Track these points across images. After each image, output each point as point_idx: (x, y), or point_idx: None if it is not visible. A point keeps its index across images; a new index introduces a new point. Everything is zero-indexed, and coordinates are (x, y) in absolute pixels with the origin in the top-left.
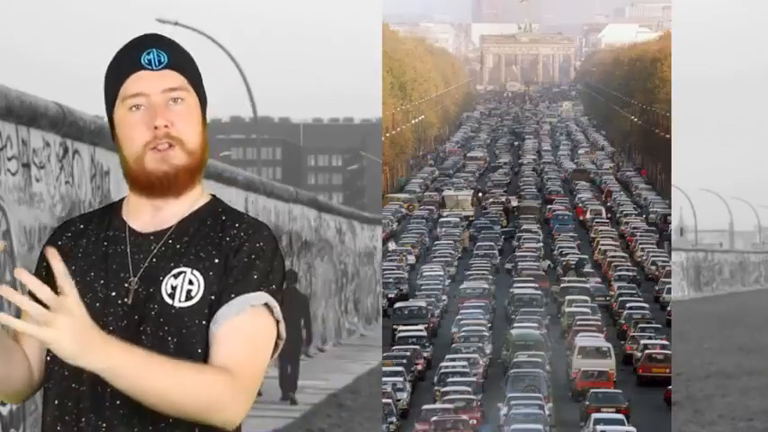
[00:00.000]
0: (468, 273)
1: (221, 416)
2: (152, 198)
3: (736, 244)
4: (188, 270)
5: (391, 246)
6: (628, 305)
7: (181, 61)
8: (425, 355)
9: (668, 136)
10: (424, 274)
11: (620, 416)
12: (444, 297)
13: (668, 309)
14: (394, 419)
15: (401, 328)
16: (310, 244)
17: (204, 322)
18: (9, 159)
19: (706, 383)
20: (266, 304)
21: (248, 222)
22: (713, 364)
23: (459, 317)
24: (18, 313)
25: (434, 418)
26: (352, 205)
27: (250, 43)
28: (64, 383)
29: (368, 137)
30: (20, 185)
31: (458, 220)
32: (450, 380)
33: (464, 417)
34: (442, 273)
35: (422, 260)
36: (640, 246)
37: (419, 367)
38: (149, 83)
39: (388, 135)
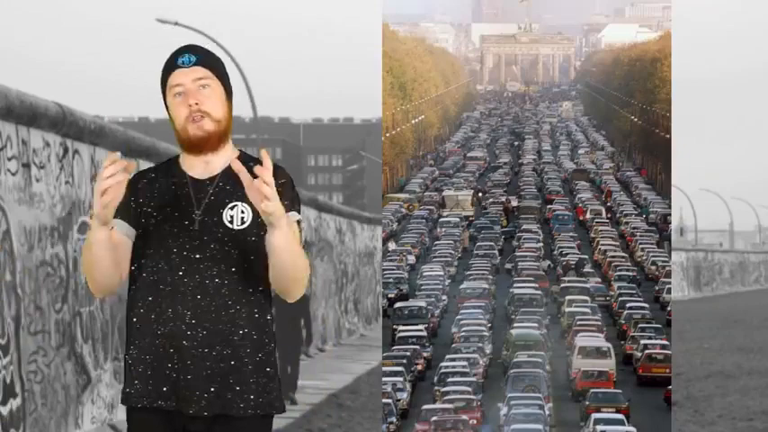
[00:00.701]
0: (468, 273)
1: (304, 282)
2: (199, 155)
3: (736, 244)
4: (239, 203)
5: (391, 246)
6: (628, 305)
7: (206, 60)
8: (425, 355)
9: (668, 136)
10: (424, 274)
11: (620, 416)
12: (444, 297)
13: (668, 309)
14: (394, 419)
15: (401, 328)
16: (310, 244)
17: (253, 238)
18: (9, 159)
19: (706, 383)
20: (295, 220)
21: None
22: (713, 364)
23: (459, 317)
24: (18, 313)
25: (434, 418)
26: (352, 205)
27: (250, 43)
28: (154, 286)
29: (368, 137)
30: (20, 185)
31: (458, 220)
32: (450, 380)
33: (464, 417)
34: (441, 273)
35: (422, 260)
36: (640, 246)
37: (419, 367)
38: (184, 76)
39: (388, 135)
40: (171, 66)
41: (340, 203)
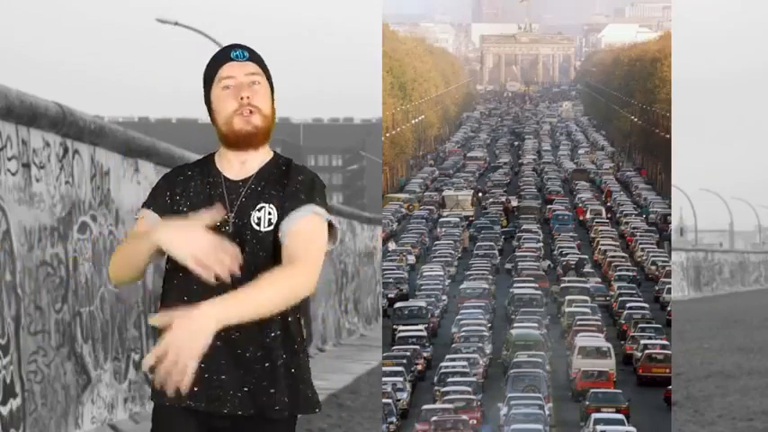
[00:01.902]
0: (468, 273)
1: (303, 292)
2: (238, 151)
3: (736, 244)
4: (267, 205)
5: (391, 246)
6: (628, 305)
7: (257, 58)
8: (425, 355)
9: (668, 136)
10: (424, 274)
11: (620, 416)
12: (444, 297)
13: (668, 309)
14: (394, 419)
15: (401, 328)
16: None
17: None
18: (9, 159)
19: (706, 383)
20: (314, 212)
21: (296, 166)
22: (713, 364)
23: (459, 317)
24: (18, 313)
25: (434, 418)
26: (352, 205)
27: (250, 43)
28: (185, 287)
29: (368, 137)
30: (20, 185)
31: (458, 220)
32: (450, 380)
33: (464, 417)
34: (442, 273)
35: (422, 260)
36: (640, 246)
37: (419, 367)
38: (237, 69)
39: (388, 135)
40: (222, 58)
41: (340, 203)
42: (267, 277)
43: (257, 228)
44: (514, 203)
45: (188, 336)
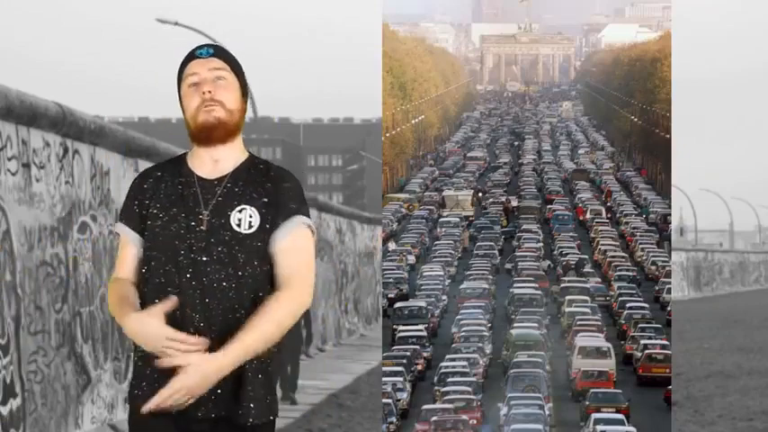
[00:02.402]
0: (468, 273)
1: (302, 311)
2: (208, 145)
3: (736, 244)
4: (247, 207)
5: (391, 246)
6: (628, 305)
7: (223, 54)
8: (425, 355)
9: (668, 136)
10: (424, 274)
11: (620, 416)
12: (444, 297)
13: (668, 309)
14: (394, 419)
15: (401, 328)
16: None
17: (259, 243)
18: (9, 159)
19: (706, 383)
20: (303, 223)
21: (276, 169)
22: (713, 364)
23: (459, 317)
24: (18, 313)
25: (434, 418)
26: (352, 205)
27: (250, 43)
28: (162, 289)
29: (368, 137)
30: (20, 185)
31: (458, 220)
32: (450, 380)
33: (464, 417)
34: (442, 273)
35: (422, 260)
36: (640, 246)
37: (419, 367)
38: (201, 66)
39: (388, 135)
40: (188, 58)
41: (340, 203)
42: (269, 311)
43: (237, 229)
44: (514, 203)
45: (201, 382)
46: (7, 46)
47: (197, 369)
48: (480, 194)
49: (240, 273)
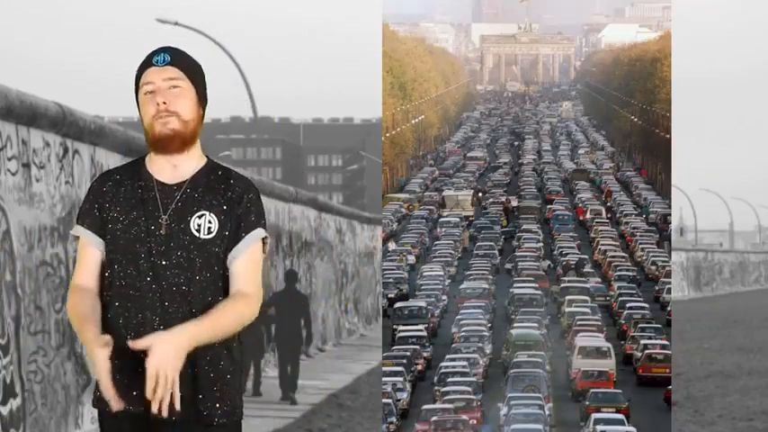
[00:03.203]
0: (468, 273)
1: (248, 321)
2: (165, 154)
3: (736, 244)
4: (207, 213)
5: (391, 246)
6: (628, 305)
7: (180, 60)
8: (425, 355)
9: (668, 136)
10: (424, 274)
11: (620, 416)
12: (444, 297)
13: (668, 309)
14: (394, 419)
15: (401, 328)
16: (310, 244)
17: (217, 249)
18: (9, 159)
19: (706, 383)
20: (261, 237)
21: (237, 177)
22: (713, 364)
23: (459, 317)
24: (18, 313)
25: (434, 418)
26: (352, 205)
27: (250, 43)
28: (123, 292)
29: (368, 137)
30: (20, 185)
31: (458, 220)
32: (450, 380)
33: (464, 417)
34: (442, 273)
35: (422, 260)
36: (640, 246)
37: (419, 367)
38: (156, 75)
39: (388, 135)
40: (145, 64)
41: (340, 203)
42: (222, 309)
43: (197, 234)
44: (514, 203)
45: (170, 355)
46: (7, 46)
47: (159, 347)
48: (480, 194)
49: (198, 277)
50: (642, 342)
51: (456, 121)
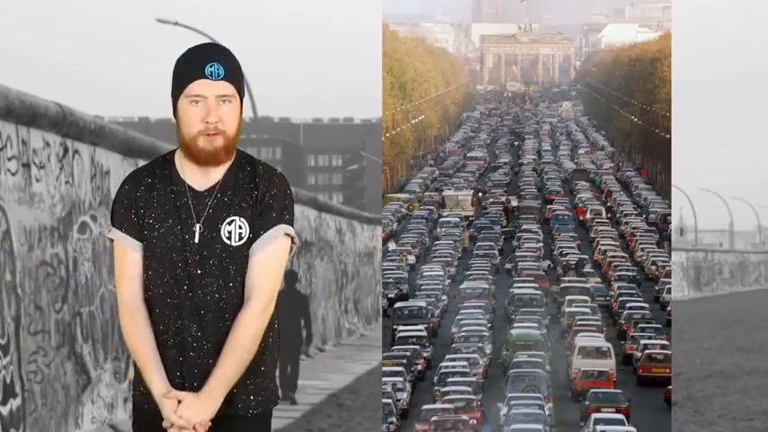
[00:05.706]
0: (468, 273)
1: (265, 326)
2: (200, 166)
3: (736, 244)
4: (237, 218)
5: (391, 246)
6: (628, 305)
7: (233, 74)
8: (425, 355)
9: (668, 136)
10: (424, 274)
11: (620, 416)
12: (444, 297)
13: (668, 309)
14: (394, 419)
15: (401, 328)
16: (310, 244)
17: (248, 254)
18: (9, 159)
19: (706, 383)
20: (284, 234)
21: (263, 172)
22: (713, 364)
23: (459, 317)
24: (18, 313)
25: (434, 418)
26: (352, 205)
27: (250, 43)
28: (162, 299)
29: (368, 137)
30: (20, 185)
31: (458, 220)
32: (450, 380)
33: (464, 417)
34: (442, 273)
35: (422, 260)
36: (640, 246)
37: (419, 367)
38: (208, 89)
39: (388, 135)
40: (196, 72)
41: (340, 203)
42: (237, 339)
43: (228, 242)
44: (514, 203)
45: (197, 420)
46: (7, 46)
47: (195, 412)
48: (480, 194)
49: (231, 284)
50: (642, 342)
51: (456, 121)
